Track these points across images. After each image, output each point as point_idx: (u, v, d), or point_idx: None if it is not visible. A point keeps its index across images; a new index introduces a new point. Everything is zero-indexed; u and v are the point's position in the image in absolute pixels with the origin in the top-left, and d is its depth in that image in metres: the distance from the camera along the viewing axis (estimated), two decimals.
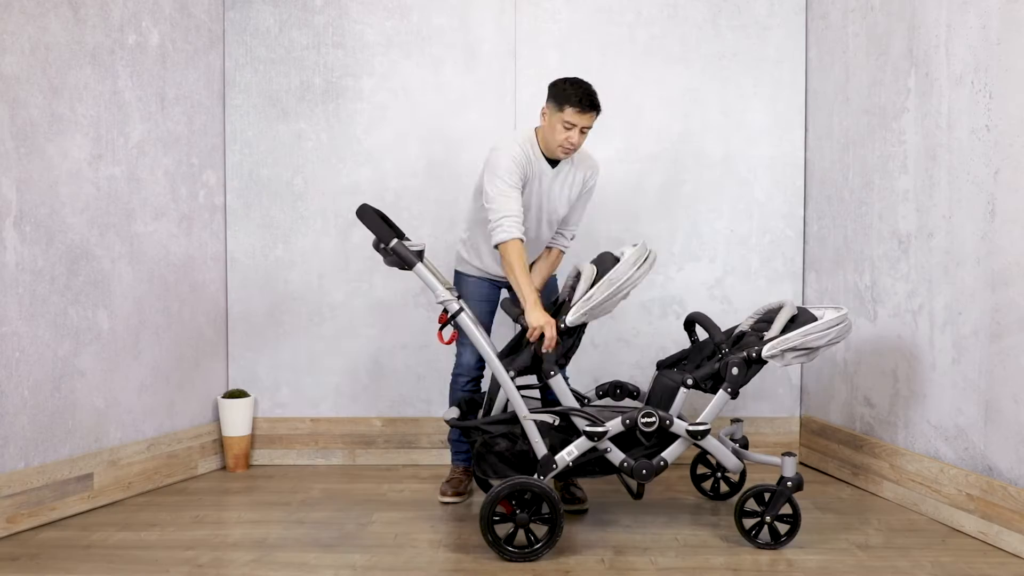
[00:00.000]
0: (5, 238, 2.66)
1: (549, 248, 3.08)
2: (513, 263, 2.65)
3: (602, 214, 3.72)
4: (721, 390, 2.56)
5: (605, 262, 2.66)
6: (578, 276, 2.72)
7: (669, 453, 2.58)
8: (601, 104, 2.77)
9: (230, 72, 3.70)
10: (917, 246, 2.95)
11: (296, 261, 3.72)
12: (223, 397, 3.59)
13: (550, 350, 2.55)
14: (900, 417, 3.05)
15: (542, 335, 2.55)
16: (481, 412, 2.84)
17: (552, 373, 2.58)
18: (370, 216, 2.62)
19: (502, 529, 2.49)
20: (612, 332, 3.73)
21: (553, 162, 2.86)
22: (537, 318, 2.57)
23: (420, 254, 2.63)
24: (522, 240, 2.68)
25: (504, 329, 3.39)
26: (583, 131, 2.75)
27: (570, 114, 2.71)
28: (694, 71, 3.72)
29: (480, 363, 3.10)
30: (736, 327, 2.88)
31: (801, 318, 2.63)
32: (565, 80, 2.78)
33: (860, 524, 2.81)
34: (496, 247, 2.71)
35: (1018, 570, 2.38)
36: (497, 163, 2.74)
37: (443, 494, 3.11)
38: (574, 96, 2.71)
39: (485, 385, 3.10)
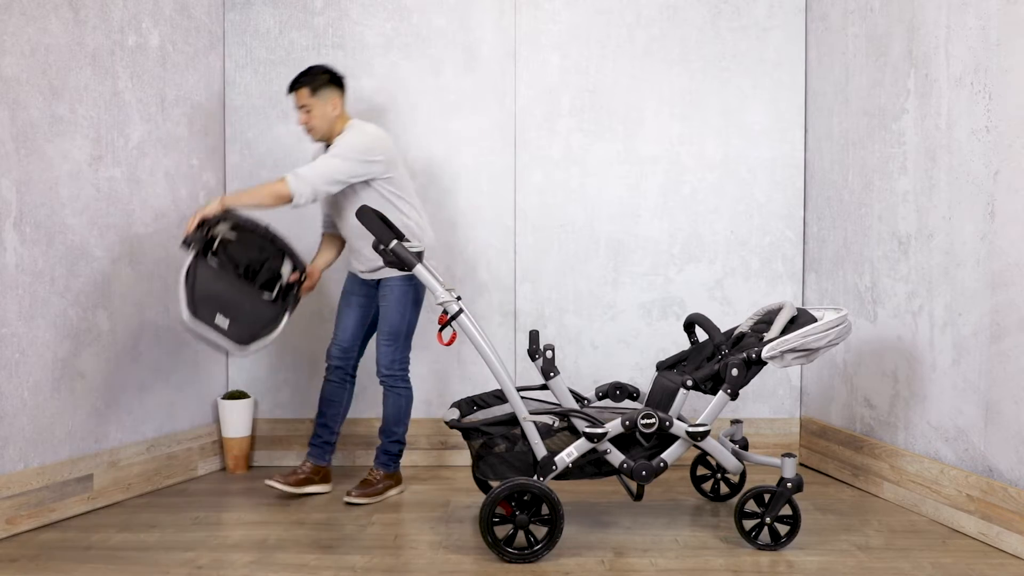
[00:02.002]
0: (5, 239, 2.66)
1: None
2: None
3: (602, 215, 3.72)
4: (721, 391, 2.56)
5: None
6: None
7: (669, 454, 2.58)
8: (305, 79, 3.03)
9: (230, 73, 3.71)
10: (917, 247, 2.95)
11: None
12: (223, 398, 3.59)
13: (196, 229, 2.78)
14: (900, 418, 3.05)
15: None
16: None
17: (552, 375, 2.58)
18: (370, 217, 2.62)
19: (502, 530, 2.49)
20: (612, 333, 3.73)
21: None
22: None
23: (419, 255, 2.63)
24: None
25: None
26: (303, 109, 3.04)
27: (293, 99, 3.08)
28: (694, 72, 3.72)
29: (344, 353, 3.21)
30: (736, 328, 2.88)
31: (801, 319, 2.63)
32: None
33: (860, 525, 2.81)
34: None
35: (1018, 571, 2.38)
36: None
37: (271, 477, 3.15)
38: (290, 83, 3.08)
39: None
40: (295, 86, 3.05)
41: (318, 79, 3.04)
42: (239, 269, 2.84)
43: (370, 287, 3.22)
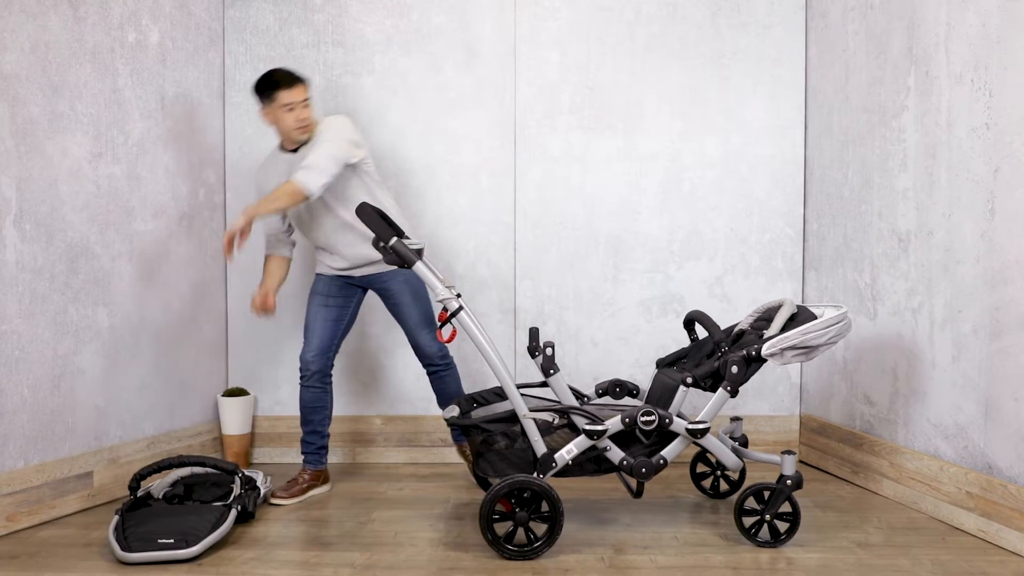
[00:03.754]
0: (5, 236, 2.66)
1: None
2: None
3: (602, 212, 3.72)
4: (720, 388, 2.56)
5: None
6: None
7: (669, 451, 2.58)
8: (300, 75, 3.00)
9: (230, 70, 3.71)
10: (917, 244, 2.95)
11: (296, 259, 3.71)
12: (223, 395, 3.59)
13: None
14: (900, 415, 3.05)
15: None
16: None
17: (552, 372, 2.58)
18: (370, 214, 2.62)
19: (502, 527, 2.49)
20: (612, 330, 3.73)
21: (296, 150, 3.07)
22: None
23: (419, 252, 2.63)
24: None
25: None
26: (304, 103, 2.98)
27: (284, 97, 2.96)
28: (694, 70, 3.72)
29: (321, 355, 3.14)
30: (736, 325, 2.88)
31: (801, 316, 2.63)
32: (263, 75, 3.03)
33: (860, 522, 2.81)
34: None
35: (1018, 568, 2.38)
36: None
37: (275, 495, 3.08)
38: (278, 80, 2.97)
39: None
40: (296, 82, 2.99)
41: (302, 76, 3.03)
42: (175, 500, 2.80)
43: (350, 287, 3.18)
